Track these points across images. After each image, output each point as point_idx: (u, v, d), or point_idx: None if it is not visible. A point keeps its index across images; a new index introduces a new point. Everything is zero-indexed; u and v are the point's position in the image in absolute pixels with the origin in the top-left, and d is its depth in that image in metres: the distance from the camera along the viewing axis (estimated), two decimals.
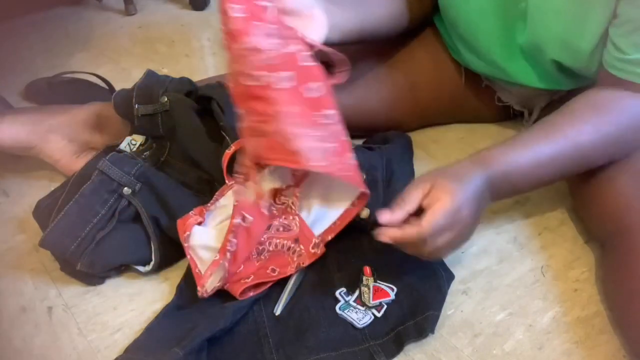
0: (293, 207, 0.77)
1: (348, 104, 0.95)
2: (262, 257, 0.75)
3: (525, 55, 0.85)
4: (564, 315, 0.72)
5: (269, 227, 0.76)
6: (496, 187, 0.71)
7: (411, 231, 0.65)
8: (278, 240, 0.76)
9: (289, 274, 0.75)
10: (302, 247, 0.76)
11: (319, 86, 0.70)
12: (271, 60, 0.66)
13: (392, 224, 0.66)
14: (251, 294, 0.74)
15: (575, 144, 0.73)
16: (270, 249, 0.75)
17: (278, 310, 0.72)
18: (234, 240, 0.72)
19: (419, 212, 0.66)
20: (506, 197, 0.79)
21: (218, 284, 0.72)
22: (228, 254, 0.71)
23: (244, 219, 0.73)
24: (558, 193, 0.90)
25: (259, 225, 0.75)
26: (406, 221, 0.66)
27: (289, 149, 0.68)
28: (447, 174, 0.69)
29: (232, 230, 0.72)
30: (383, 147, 0.92)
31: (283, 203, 0.77)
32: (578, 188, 0.82)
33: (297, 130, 0.68)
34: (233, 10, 0.65)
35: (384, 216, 0.66)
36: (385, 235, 0.66)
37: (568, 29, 0.76)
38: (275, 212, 0.78)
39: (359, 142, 0.97)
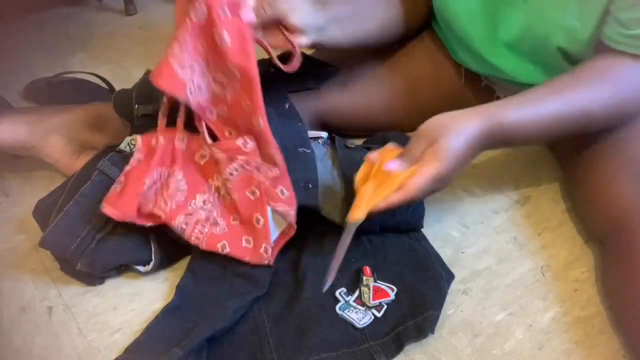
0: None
1: (348, 105, 0.95)
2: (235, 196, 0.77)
3: (515, 51, 0.85)
4: (564, 315, 0.72)
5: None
6: (496, 140, 0.74)
7: (396, 199, 0.70)
8: (228, 171, 0.76)
9: (262, 182, 0.75)
10: (239, 157, 0.76)
11: (232, 39, 0.71)
12: None
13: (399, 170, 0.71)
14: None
15: (580, 106, 0.74)
16: (229, 185, 0.77)
17: (326, 286, 0.70)
18: (142, 158, 0.79)
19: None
20: (502, 147, 0.81)
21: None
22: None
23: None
24: (558, 193, 0.90)
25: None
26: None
27: (176, 77, 0.72)
28: (450, 133, 0.71)
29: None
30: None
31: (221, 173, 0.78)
32: (578, 188, 0.82)
33: (187, 62, 0.72)
34: None
35: (393, 165, 0.71)
36: (377, 208, 0.70)
37: (570, 15, 0.76)
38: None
39: (359, 142, 0.97)
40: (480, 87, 0.99)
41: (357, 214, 0.70)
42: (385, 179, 0.71)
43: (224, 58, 0.72)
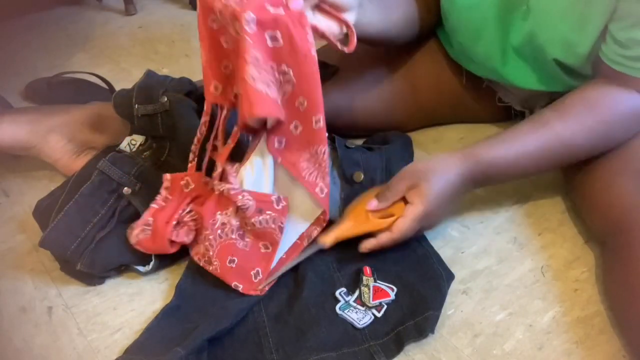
0: (234, 188, 0.77)
1: (349, 105, 0.95)
2: (247, 240, 0.76)
3: (521, 57, 0.85)
4: (564, 315, 0.72)
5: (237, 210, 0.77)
6: (479, 179, 0.76)
7: (385, 239, 0.75)
8: (253, 220, 0.76)
9: (279, 242, 0.76)
10: (269, 212, 0.76)
11: (283, 37, 0.67)
12: (240, 3, 0.66)
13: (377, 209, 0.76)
14: (266, 288, 0.75)
15: (561, 139, 0.76)
16: (248, 228, 0.76)
17: (261, 286, 0.75)
18: (169, 196, 0.80)
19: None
20: (488, 185, 0.82)
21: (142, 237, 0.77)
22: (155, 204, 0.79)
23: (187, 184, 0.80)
24: (558, 193, 0.90)
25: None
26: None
27: (268, 99, 0.68)
28: (430, 174, 0.74)
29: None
30: (383, 148, 0.92)
31: (222, 191, 0.77)
32: (578, 188, 0.82)
33: (267, 78, 0.68)
34: None
35: (372, 204, 0.76)
36: (364, 247, 0.76)
37: (570, 29, 0.76)
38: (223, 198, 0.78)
39: (359, 142, 0.97)
40: (481, 88, 0.99)
41: (326, 238, 0.76)
42: (364, 219, 0.76)
43: (280, 62, 0.69)
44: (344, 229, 0.77)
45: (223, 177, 0.78)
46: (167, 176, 0.80)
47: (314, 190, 0.75)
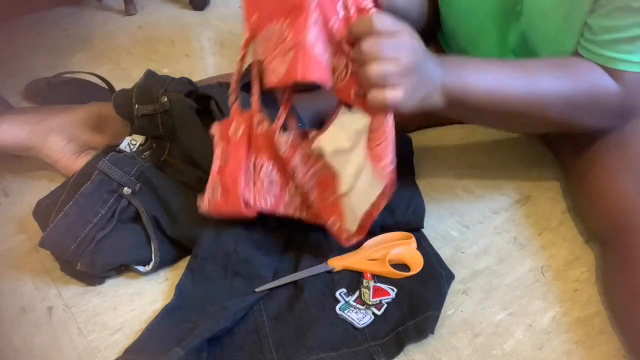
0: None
1: None
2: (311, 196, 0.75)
3: (520, 57, 0.85)
4: (564, 315, 0.72)
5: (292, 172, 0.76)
6: (449, 89, 0.71)
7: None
8: (313, 169, 0.75)
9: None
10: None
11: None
12: None
13: None
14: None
15: (533, 84, 0.73)
16: (313, 182, 0.75)
17: (259, 289, 0.75)
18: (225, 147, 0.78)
19: None
20: (456, 111, 0.76)
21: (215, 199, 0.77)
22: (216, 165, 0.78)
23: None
24: (558, 193, 0.90)
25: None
26: None
27: (320, 63, 0.67)
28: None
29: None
30: None
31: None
32: (579, 187, 0.82)
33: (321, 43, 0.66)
34: None
35: None
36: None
37: (559, 28, 0.76)
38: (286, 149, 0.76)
39: None
40: None
41: (335, 263, 0.77)
42: (380, 263, 0.77)
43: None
44: (354, 262, 0.77)
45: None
46: (215, 125, 0.78)
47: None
